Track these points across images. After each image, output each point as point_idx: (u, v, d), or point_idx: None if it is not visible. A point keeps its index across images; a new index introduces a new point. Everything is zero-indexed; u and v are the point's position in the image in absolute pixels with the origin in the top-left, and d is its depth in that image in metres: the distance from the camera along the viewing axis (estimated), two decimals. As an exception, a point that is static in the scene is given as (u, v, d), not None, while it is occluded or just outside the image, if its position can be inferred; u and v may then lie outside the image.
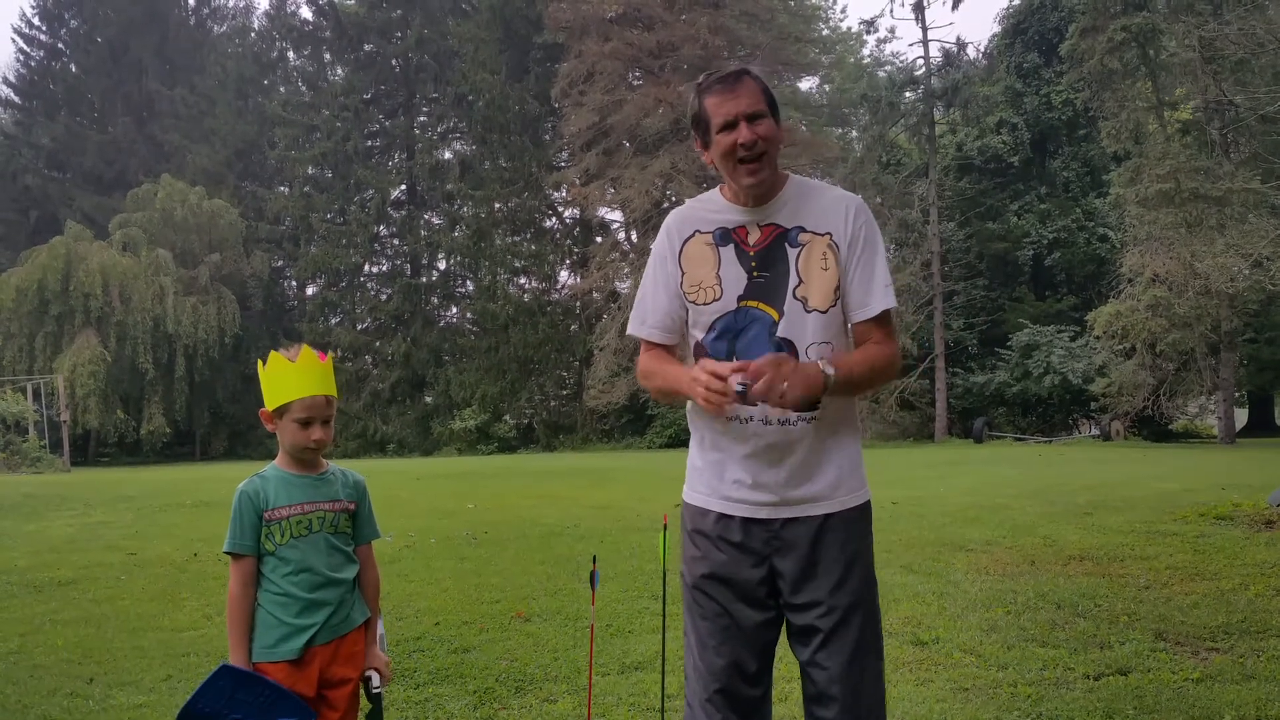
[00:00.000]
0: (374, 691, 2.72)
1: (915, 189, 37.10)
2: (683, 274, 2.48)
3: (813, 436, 2.40)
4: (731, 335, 2.41)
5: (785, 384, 2.17)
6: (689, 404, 2.54)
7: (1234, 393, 31.61)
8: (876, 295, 2.41)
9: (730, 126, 2.36)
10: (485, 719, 4.16)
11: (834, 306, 2.40)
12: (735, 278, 2.42)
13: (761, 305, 2.40)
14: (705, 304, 2.44)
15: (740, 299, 2.41)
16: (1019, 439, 31.03)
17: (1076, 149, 37.61)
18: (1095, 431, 33.20)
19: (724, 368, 2.22)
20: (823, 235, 2.41)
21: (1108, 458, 20.26)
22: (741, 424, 2.41)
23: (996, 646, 4.93)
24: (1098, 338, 29.68)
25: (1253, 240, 25.92)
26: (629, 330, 2.60)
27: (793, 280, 2.39)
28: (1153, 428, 31.01)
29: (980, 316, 36.39)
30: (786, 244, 2.41)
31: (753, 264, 2.42)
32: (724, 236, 2.45)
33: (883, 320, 2.43)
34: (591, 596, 3.48)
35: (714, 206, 2.50)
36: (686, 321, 2.51)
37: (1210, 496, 10.75)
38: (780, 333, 2.38)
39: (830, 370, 2.26)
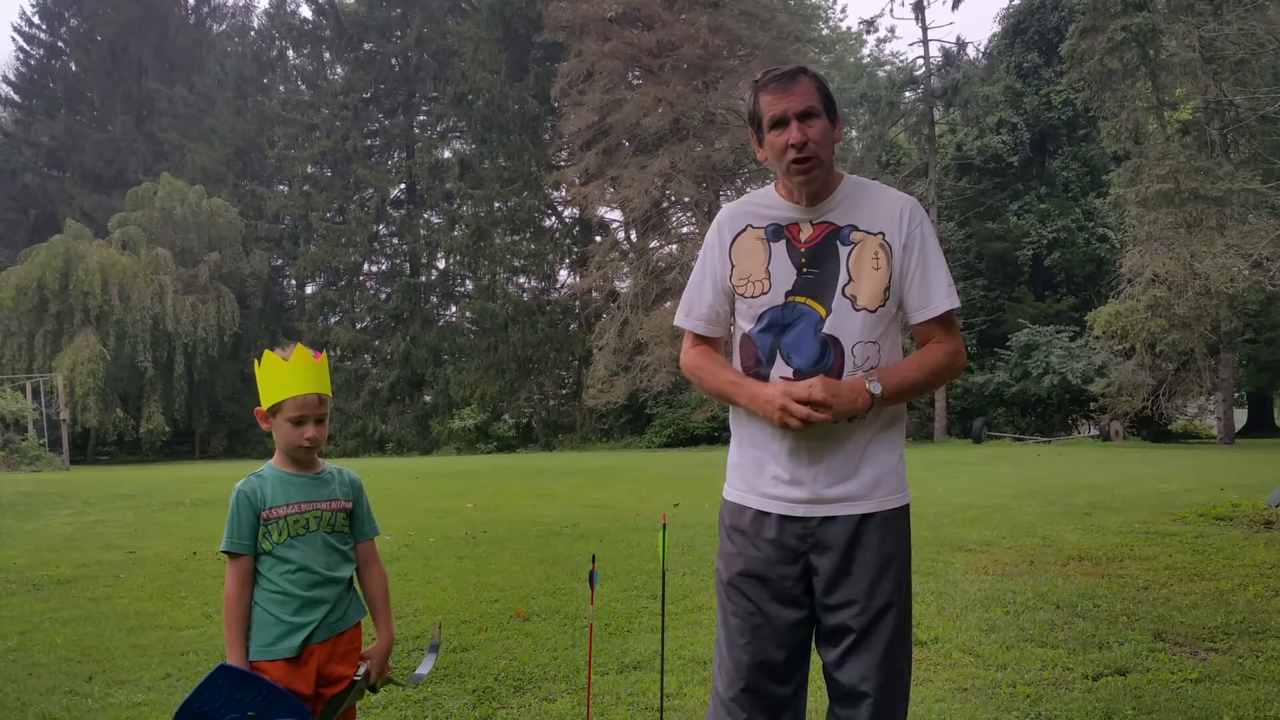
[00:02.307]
0: (356, 678, 2.69)
1: (915, 189, 36.97)
2: (732, 267, 2.49)
3: (854, 436, 2.40)
4: (778, 329, 2.41)
5: (830, 409, 2.25)
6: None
7: (1233, 393, 31.60)
8: (937, 296, 2.42)
9: (781, 124, 2.37)
10: (484, 718, 4.16)
11: (883, 306, 2.40)
12: (784, 273, 2.42)
13: (809, 301, 2.40)
14: (754, 297, 2.45)
15: (788, 294, 2.41)
16: (1018, 439, 31.03)
17: (1076, 149, 37.62)
18: (1094, 432, 33.21)
19: (800, 391, 2.28)
20: (875, 235, 2.41)
21: (1107, 458, 20.26)
22: None
23: (995, 646, 4.92)
24: (1097, 338, 29.70)
25: (1252, 241, 25.93)
26: (675, 321, 2.62)
27: (842, 278, 2.39)
28: (1152, 428, 31.01)
29: (980, 316, 36.38)
30: (838, 242, 2.42)
31: (803, 260, 2.42)
32: (776, 232, 2.46)
33: (945, 320, 2.44)
34: (590, 596, 3.48)
35: (768, 202, 2.51)
36: (732, 314, 2.53)
37: (1209, 497, 10.75)
38: (826, 329, 2.38)
39: (877, 389, 2.30)
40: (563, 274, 44.40)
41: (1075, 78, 31.48)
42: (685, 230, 38.63)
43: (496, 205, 42.34)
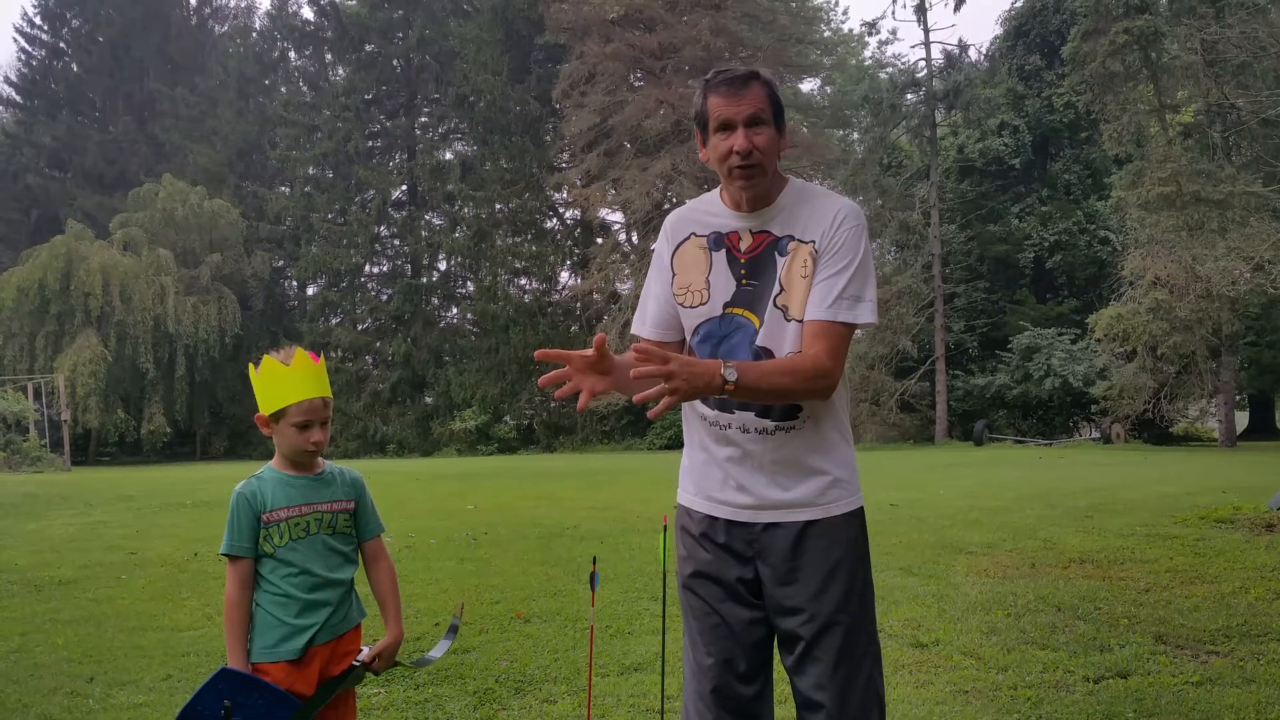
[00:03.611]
0: (355, 663, 2.68)
1: (916, 191, 37.10)
2: (674, 275, 2.47)
3: (794, 444, 2.37)
4: (715, 341, 2.39)
5: (672, 380, 2.06)
6: (683, 406, 2.51)
7: (1235, 396, 31.59)
8: (827, 302, 2.30)
9: (728, 128, 2.33)
10: (485, 719, 4.16)
11: None
12: (724, 284, 2.40)
13: (746, 313, 2.38)
14: (692, 307, 2.43)
15: (726, 305, 2.39)
16: (1019, 442, 31.01)
17: (1078, 151, 37.62)
18: (1096, 434, 33.17)
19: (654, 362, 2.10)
20: (808, 243, 2.36)
21: (1108, 461, 20.25)
22: (721, 430, 2.40)
23: (996, 649, 4.92)
24: (1099, 340, 29.67)
25: (1254, 243, 25.91)
26: (632, 329, 2.58)
27: (775, 289, 2.36)
28: (1153, 431, 30.98)
29: (981, 319, 36.37)
30: (776, 253, 2.38)
31: (742, 271, 2.39)
32: (718, 241, 2.43)
33: (826, 332, 2.29)
34: (591, 597, 3.48)
35: (712, 210, 2.48)
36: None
37: (1210, 500, 10.74)
38: (760, 341, 2.35)
39: (732, 375, 2.13)
40: (564, 276, 44.44)
41: (1077, 80, 31.50)
42: (686, 232, 38.57)
43: (498, 207, 42.35)
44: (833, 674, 2.33)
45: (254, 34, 51.05)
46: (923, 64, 37.32)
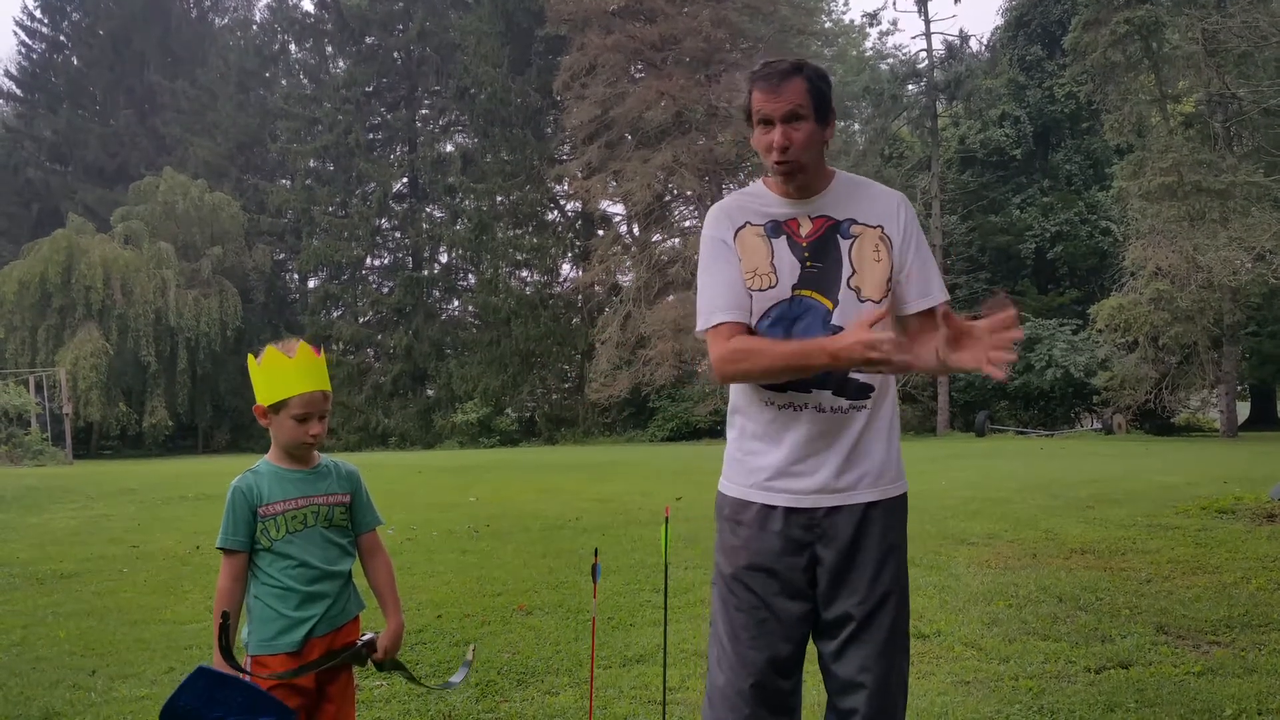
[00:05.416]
0: (360, 642, 2.69)
1: (918, 182, 37.00)
2: (739, 260, 2.46)
3: (861, 424, 2.41)
4: (787, 323, 2.40)
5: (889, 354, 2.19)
6: (734, 395, 2.52)
7: (1236, 386, 31.55)
8: (935, 286, 2.48)
9: (767, 124, 2.37)
10: (487, 711, 4.17)
11: (886, 297, 2.42)
12: (789, 267, 2.42)
13: (815, 295, 2.40)
14: (761, 290, 2.42)
15: (794, 287, 2.41)
16: (1021, 432, 31.01)
17: (1079, 142, 37.53)
18: (1097, 425, 33.17)
19: (871, 324, 2.24)
20: (875, 228, 2.44)
21: (1109, 451, 20.25)
22: (795, 411, 2.40)
23: (998, 640, 4.93)
24: (1100, 331, 29.64)
25: (1255, 233, 25.87)
26: (699, 329, 2.47)
27: (846, 270, 2.40)
28: (1155, 421, 30.97)
29: (982, 310, 36.28)
30: (838, 235, 2.43)
31: (805, 254, 2.42)
32: (775, 229, 2.45)
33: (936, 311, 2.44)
34: (593, 589, 3.48)
35: (763, 200, 2.50)
36: None
37: (1212, 490, 10.74)
38: (835, 321, 2.38)
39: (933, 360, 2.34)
40: (565, 268, 44.42)
41: (1078, 70, 31.42)
42: (688, 224, 38.57)
43: (499, 199, 42.33)
44: (879, 655, 2.38)
45: (254, 26, 51.04)
46: (924, 55, 37.19)
